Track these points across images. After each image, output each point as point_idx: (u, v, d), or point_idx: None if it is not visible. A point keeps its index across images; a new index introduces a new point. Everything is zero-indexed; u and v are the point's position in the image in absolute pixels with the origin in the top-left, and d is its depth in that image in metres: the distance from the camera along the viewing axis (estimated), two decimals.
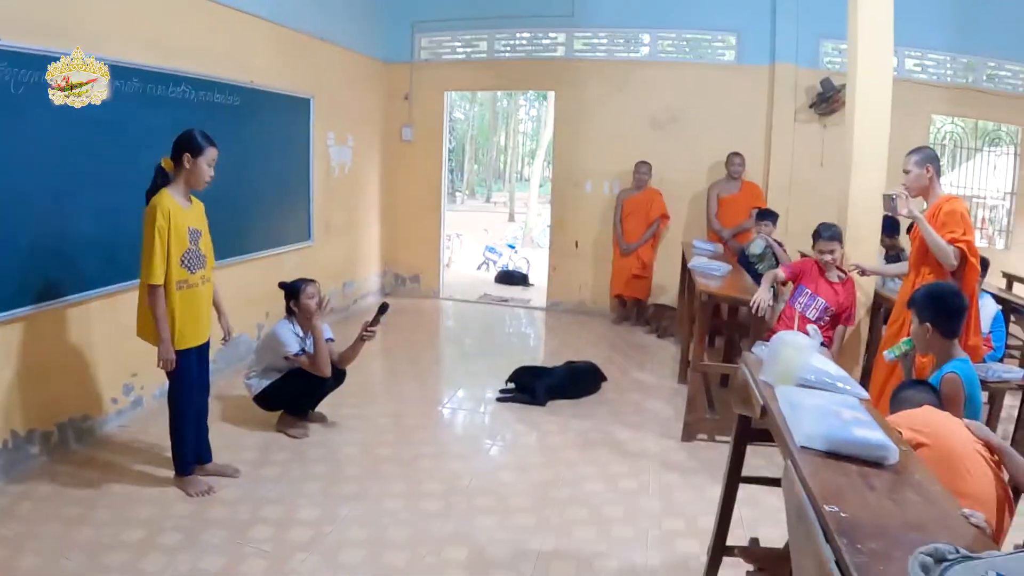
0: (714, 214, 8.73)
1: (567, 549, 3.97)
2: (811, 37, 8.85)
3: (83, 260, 4.99)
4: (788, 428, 2.55)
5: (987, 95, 9.08)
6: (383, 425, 5.65)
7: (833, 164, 8.31)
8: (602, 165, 9.53)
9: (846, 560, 1.74)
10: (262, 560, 3.76)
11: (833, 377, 2.99)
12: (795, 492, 2.22)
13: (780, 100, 8.92)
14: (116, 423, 5.38)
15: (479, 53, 9.95)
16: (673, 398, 6.44)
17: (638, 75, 9.30)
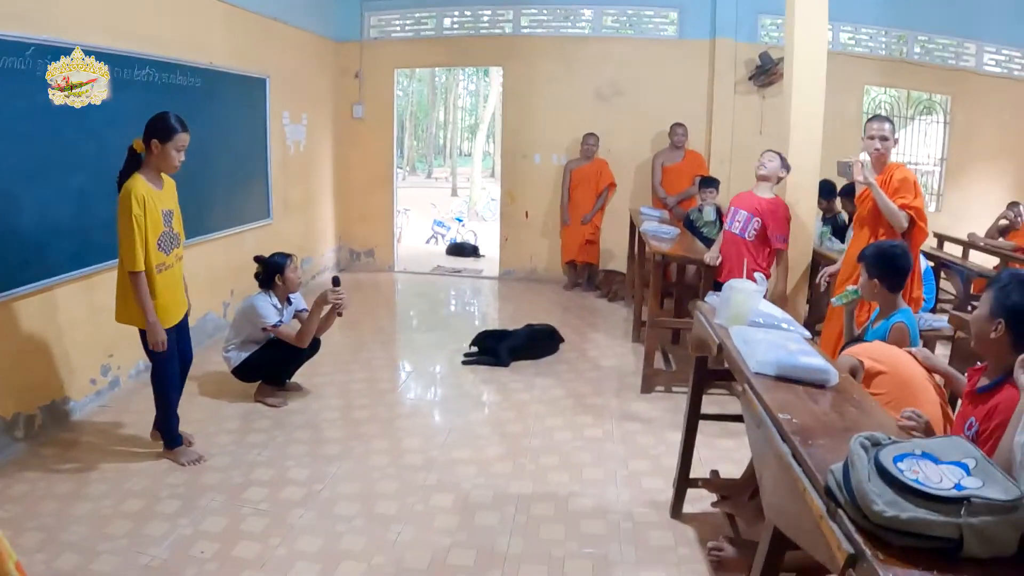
0: (658, 182, 9.10)
1: (544, 492, 4.30)
2: (750, 12, 9.25)
3: (56, 243, 4.99)
4: (743, 359, 3.02)
5: (918, 67, 9.60)
6: (357, 390, 5.88)
7: (772, 133, 8.75)
8: (550, 138, 9.83)
9: (801, 453, 2.15)
10: (262, 518, 3.94)
11: (778, 319, 3.53)
12: (753, 408, 2.65)
13: (720, 73, 9.32)
14: (96, 403, 5.45)
15: (428, 30, 10.14)
16: (628, 355, 6.85)
17: (583, 50, 9.62)
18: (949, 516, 1.64)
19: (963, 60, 9.69)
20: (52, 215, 4.97)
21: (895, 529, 1.67)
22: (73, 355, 5.26)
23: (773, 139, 8.61)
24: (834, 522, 1.84)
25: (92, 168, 5.20)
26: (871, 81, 9.79)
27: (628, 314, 8.31)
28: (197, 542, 3.72)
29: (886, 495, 1.71)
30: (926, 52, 9.71)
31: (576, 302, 9.09)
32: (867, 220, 5.06)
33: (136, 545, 3.68)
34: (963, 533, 1.62)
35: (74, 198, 5.16)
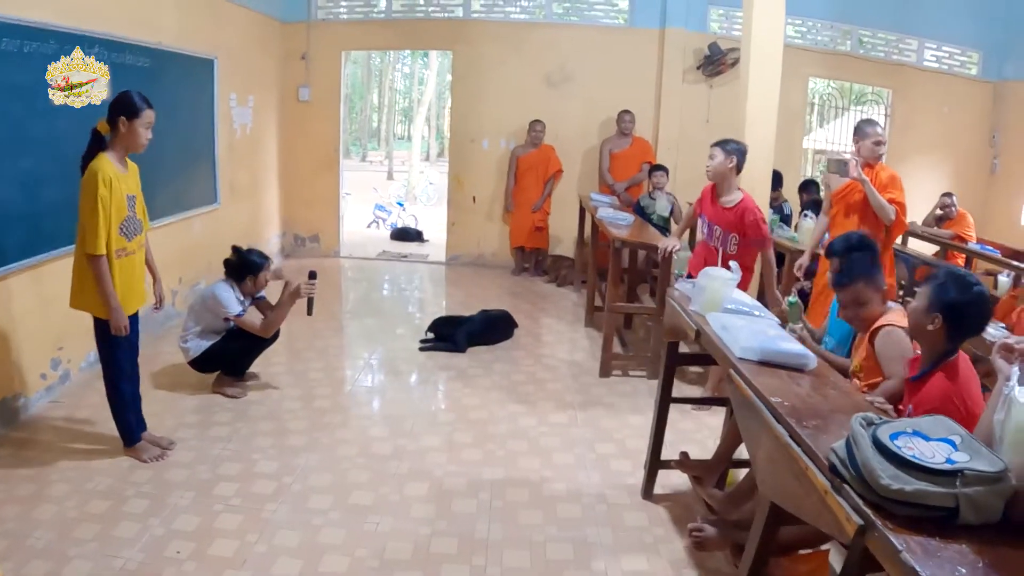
0: (606, 168, 9.20)
1: (517, 477, 4.36)
2: (700, 3, 9.41)
3: (5, 230, 4.82)
4: (726, 345, 3.13)
5: (861, 60, 9.86)
6: (316, 379, 5.85)
7: (719, 122, 8.94)
8: (499, 123, 9.86)
9: (798, 433, 2.31)
10: (235, 515, 3.87)
11: (749, 306, 3.65)
12: (742, 391, 2.79)
13: (669, 62, 9.44)
14: (47, 399, 5.27)
15: (377, 12, 10.06)
16: (582, 340, 6.97)
17: (533, 36, 9.64)
18: (946, 487, 1.81)
19: (905, 55, 9.96)
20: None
21: (899, 500, 1.83)
22: (22, 349, 5.06)
23: (720, 128, 8.73)
24: (840, 496, 1.99)
25: (43, 150, 5.04)
26: (815, 73, 10.02)
27: (578, 299, 8.40)
28: (172, 542, 3.64)
29: (888, 470, 1.86)
30: (869, 46, 9.94)
31: (525, 287, 9.15)
32: (854, 210, 5.42)
33: (107, 548, 3.58)
34: (959, 502, 1.80)
35: (22, 183, 4.96)
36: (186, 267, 7.22)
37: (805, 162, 10.71)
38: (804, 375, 2.89)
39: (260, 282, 5.49)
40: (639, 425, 5.04)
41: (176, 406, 5.28)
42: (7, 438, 4.71)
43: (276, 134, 10.01)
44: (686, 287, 3.94)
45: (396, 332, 7.13)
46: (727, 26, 9.49)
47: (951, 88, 9.95)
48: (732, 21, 9.48)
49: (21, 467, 4.33)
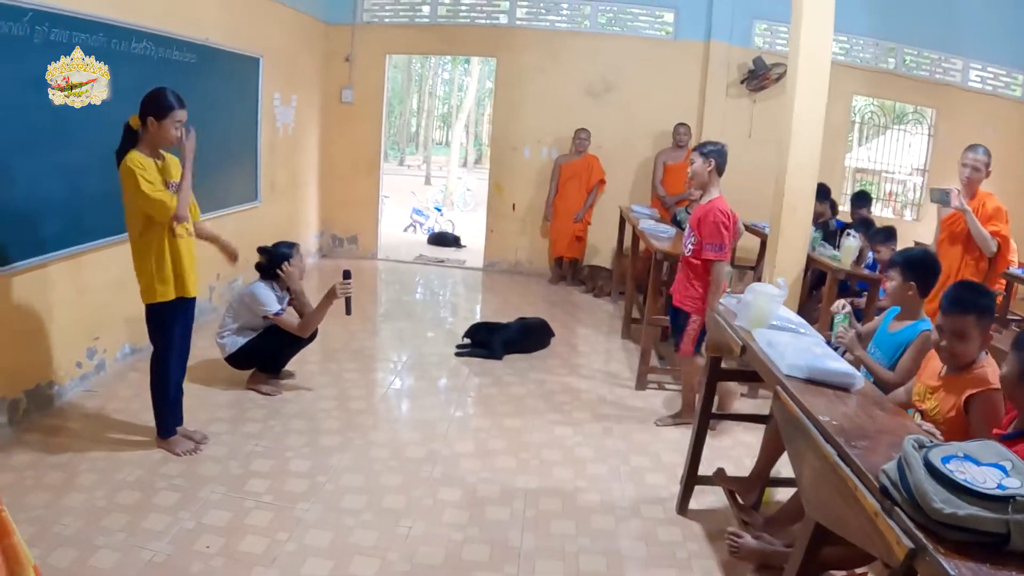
0: (659, 180, 9.14)
1: (551, 487, 4.32)
2: (745, 17, 9.30)
3: (44, 221, 4.86)
4: (772, 361, 3.09)
5: (905, 79, 9.70)
6: (351, 380, 5.84)
7: (761, 137, 8.87)
8: (540, 131, 9.82)
9: (847, 453, 2.27)
10: (266, 512, 3.87)
11: (795, 323, 3.57)
12: (787, 410, 2.75)
13: (713, 75, 9.36)
14: (81, 388, 5.31)
15: (422, 17, 10.07)
16: (618, 351, 6.92)
17: (577, 45, 9.60)
18: (997, 513, 1.78)
19: (949, 75, 9.79)
20: (41, 191, 4.82)
21: (951, 525, 1.80)
22: (59, 337, 5.10)
23: (762, 143, 8.75)
24: (891, 519, 1.95)
25: (85, 142, 5.04)
26: (859, 91, 9.88)
27: (614, 310, 8.36)
28: (201, 536, 3.64)
29: (940, 493, 1.84)
30: (913, 65, 9.82)
31: (561, 296, 9.10)
32: (958, 240, 5.48)
33: (136, 539, 3.58)
34: (1010, 528, 1.77)
35: (64, 174, 5.01)
36: (224, 263, 7.22)
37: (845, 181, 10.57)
38: (850, 394, 2.85)
39: (290, 273, 5.46)
40: (674, 439, 5.01)
41: (209, 401, 5.29)
42: (39, 424, 4.76)
43: (318, 135, 10.05)
44: (731, 302, 3.89)
45: (432, 336, 7.13)
46: (771, 40, 9.41)
47: (995, 109, 9.77)
48: (776, 35, 9.42)
49: (51, 454, 4.37)
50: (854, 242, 5.89)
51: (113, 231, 5.38)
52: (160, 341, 4.39)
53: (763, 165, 8.51)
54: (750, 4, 9.23)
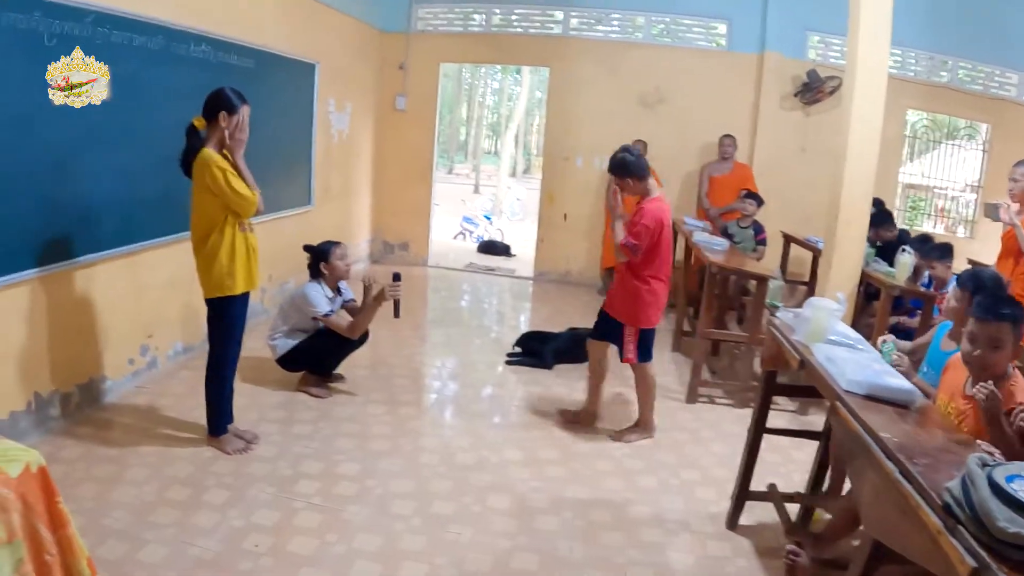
0: (705, 192, 9.07)
1: (600, 497, 4.30)
2: (798, 29, 9.23)
3: (101, 219, 4.94)
4: (831, 376, 3.05)
5: (959, 93, 9.55)
6: (401, 385, 5.88)
7: (814, 151, 8.82)
8: (592, 141, 9.79)
9: (910, 470, 2.23)
10: (315, 513, 3.90)
11: (852, 339, 3.53)
12: (847, 426, 2.72)
13: (767, 87, 9.30)
14: (133, 384, 5.41)
15: (476, 26, 10.13)
16: (668, 364, 6.87)
17: (631, 56, 9.58)
18: None
19: (1004, 89, 9.64)
20: (100, 189, 4.92)
21: (1015, 544, 1.79)
22: (112, 334, 5.22)
23: (815, 156, 8.69)
24: (954, 537, 1.94)
25: (143, 143, 5.17)
26: (913, 104, 9.74)
27: (665, 323, 8.15)
28: (250, 535, 3.67)
29: (1005, 512, 1.82)
30: (968, 79, 9.67)
31: None
32: (1011, 253, 5.40)
33: (184, 535, 3.63)
34: None
35: (122, 173, 5.10)
36: (276, 266, 7.33)
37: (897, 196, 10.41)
38: (909, 412, 2.80)
39: (335, 267, 5.51)
40: (724, 454, 4.97)
41: (260, 401, 5.35)
42: (90, 418, 4.86)
43: (371, 141, 10.16)
44: (788, 316, 3.85)
45: (481, 344, 7.14)
46: (824, 52, 9.35)
47: None
48: (829, 47, 9.35)
49: (102, 447, 4.47)
50: (909, 258, 5.80)
51: (167, 231, 5.52)
52: (222, 336, 4.47)
53: (816, 179, 8.48)
54: (804, 16, 9.16)
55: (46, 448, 4.27)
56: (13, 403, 4.40)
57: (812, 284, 7.40)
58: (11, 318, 4.34)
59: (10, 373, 4.36)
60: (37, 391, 4.56)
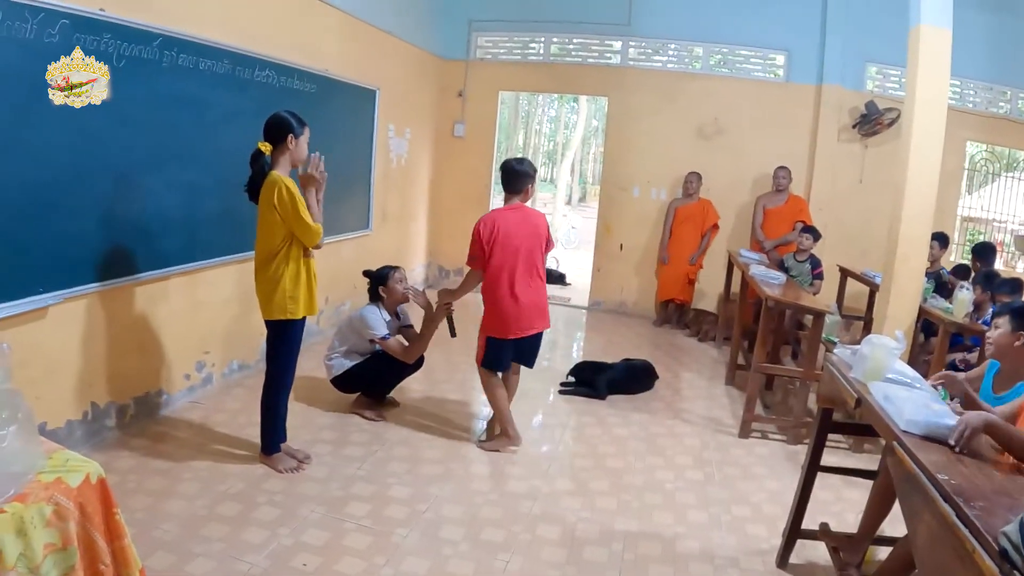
0: (759, 224, 9.00)
1: (650, 531, 4.27)
2: (857, 60, 9.15)
3: (164, 236, 5.10)
4: (889, 416, 3.01)
5: (1020, 125, 9.36)
6: (453, 411, 5.91)
7: (872, 183, 8.76)
8: (650, 172, 9.82)
9: (966, 514, 2.19)
10: (365, 535, 3.94)
11: (910, 377, 3.45)
12: (904, 467, 2.68)
13: (825, 119, 9.21)
14: (188, 399, 5.55)
15: (534, 55, 10.20)
16: (722, 398, 6.80)
17: (689, 86, 9.57)
18: None
19: None
20: (162, 208, 5.07)
21: None
22: (170, 349, 5.36)
23: (873, 189, 8.60)
24: None
25: (205, 163, 5.35)
26: (973, 137, 9.56)
27: (719, 355, 8.25)
28: (299, 554, 3.71)
29: None
30: None
31: (666, 339, 9.01)
32: None
33: (233, 550, 3.69)
34: None
35: (185, 192, 5.26)
36: (333, 288, 7.44)
37: (956, 230, 10.23)
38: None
39: (393, 291, 5.56)
40: (776, 490, 4.91)
41: (313, 422, 5.43)
42: (145, 430, 4.99)
43: (429, 167, 10.27)
44: (845, 353, 3.81)
45: (535, 372, 7.08)
46: (883, 83, 9.25)
47: None
48: (888, 79, 9.25)
49: (155, 460, 4.58)
50: (967, 295, 5.72)
51: (227, 251, 5.68)
52: (281, 358, 4.55)
53: (873, 212, 8.43)
54: (862, 47, 9.09)
55: (100, 458, 4.32)
56: (70, 412, 4.54)
57: (869, 319, 7.31)
58: (72, 330, 4.49)
59: (68, 383, 4.50)
60: (94, 401, 4.70)
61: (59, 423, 4.45)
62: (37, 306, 4.17)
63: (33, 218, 4.07)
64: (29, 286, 4.11)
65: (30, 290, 4.12)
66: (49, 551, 2.36)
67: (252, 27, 5.83)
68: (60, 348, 4.42)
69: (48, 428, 4.31)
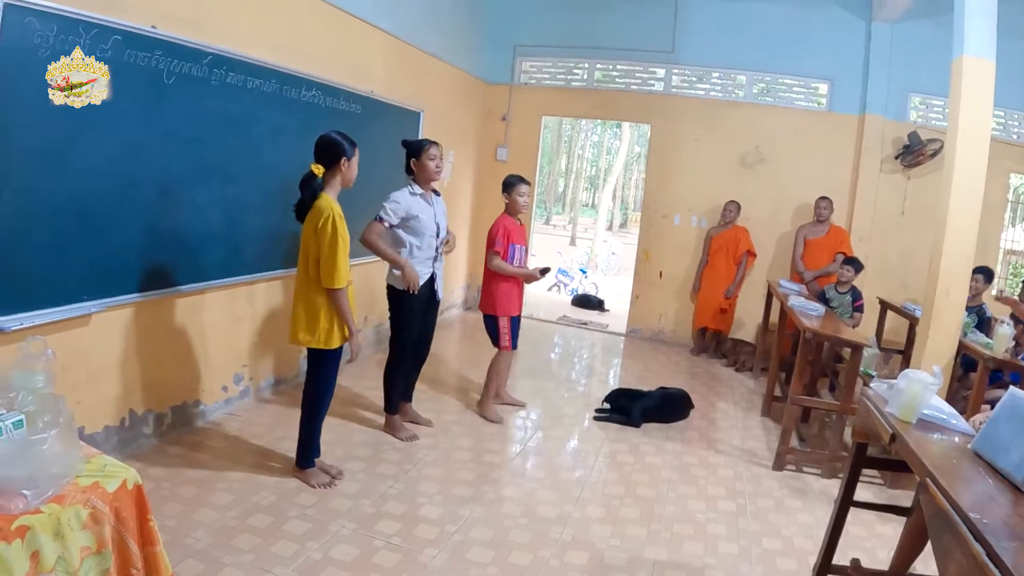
0: (799, 255, 8.93)
1: (678, 561, 4.23)
2: (900, 90, 9.07)
3: (206, 250, 5.21)
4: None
5: None
6: (487, 433, 5.92)
7: (914, 214, 8.68)
8: (691, 200, 9.81)
9: (997, 553, 2.17)
10: (393, 553, 3.95)
11: (947, 413, 3.40)
12: (936, 503, 2.65)
13: (867, 149, 9.14)
14: (225, 410, 5.65)
15: (578, 81, 10.26)
16: (757, 429, 6.73)
17: (731, 115, 9.57)
18: None
19: None
20: (205, 222, 5.17)
21: None
22: (208, 360, 5.46)
23: (915, 220, 8.53)
24: None
25: (249, 180, 5.44)
26: (1017, 168, 9.42)
27: (755, 386, 8.19)
28: (327, 568, 3.74)
29: None
30: None
31: (703, 368, 8.96)
32: None
33: (263, 562, 3.74)
34: None
35: (228, 207, 5.35)
36: (373, 307, 7.50)
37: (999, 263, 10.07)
38: (1002, 492, 2.70)
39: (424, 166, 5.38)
40: (808, 524, 4.84)
41: (348, 438, 5.48)
42: (181, 440, 5.09)
43: (471, 190, 10.35)
44: (882, 388, 3.78)
45: (570, 398, 7.14)
46: (926, 114, 9.15)
47: None
48: (931, 109, 9.15)
49: (190, 469, 4.67)
50: (1008, 330, 5.63)
51: (268, 267, 5.80)
52: (320, 383, 4.61)
53: (915, 244, 8.37)
54: (906, 77, 9.00)
55: (135, 465, 4.43)
56: (108, 418, 4.64)
57: (908, 352, 7.22)
58: (112, 338, 4.60)
59: (108, 389, 4.61)
60: (132, 408, 4.81)
61: (97, 428, 4.55)
62: (80, 313, 4.29)
63: (79, 228, 4.19)
64: (74, 294, 4.23)
65: (75, 297, 4.23)
66: (86, 554, 2.43)
67: (300, 47, 5.95)
68: (101, 355, 4.53)
69: (86, 432, 4.41)
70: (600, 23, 9.89)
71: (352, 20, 6.73)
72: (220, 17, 5.09)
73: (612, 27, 9.84)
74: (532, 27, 10.20)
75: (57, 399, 2.63)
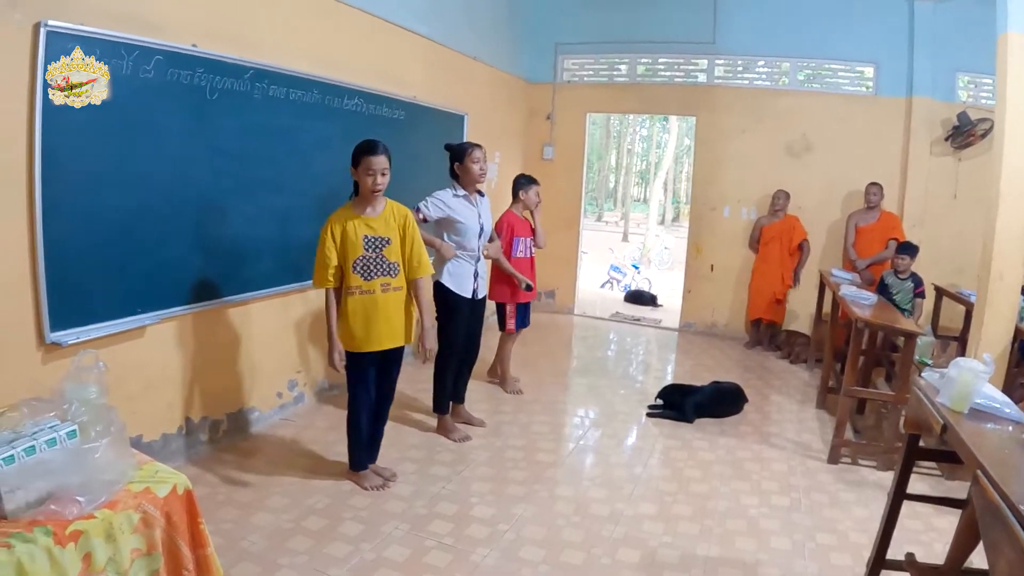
0: (851, 243, 8.79)
1: (731, 557, 4.21)
2: (947, 70, 8.86)
3: (256, 260, 5.34)
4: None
5: None
6: (539, 433, 5.94)
7: (967, 197, 8.47)
8: (740, 191, 9.73)
9: None
10: (446, 553, 4.01)
11: (1000, 402, 3.32)
12: (987, 497, 2.57)
13: (916, 132, 8.96)
14: (279, 416, 5.77)
15: (620, 76, 10.24)
16: (811, 422, 6.65)
17: (777, 103, 9.46)
18: None
19: None
20: (255, 232, 5.29)
21: None
22: (263, 368, 5.58)
23: (967, 203, 8.32)
24: None
25: (295, 190, 5.54)
26: None
27: (810, 378, 8.09)
28: (380, 569, 3.81)
29: None
30: None
31: (757, 361, 8.87)
32: None
33: (317, 563, 3.82)
34: None
35: (276, 217, 5.47)
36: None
37: None
38: None
39: (468, 169, 5.44)
40: (863, 518, 4.77)
41: (402, 440, 5.55)
42: (237, 446, 5.22)
43: None
44: (933, 377, 3.71)
45: (623, 394, 7.12)
46: (976, 93, 8.94)
47: None
48: (980, 87, 8.93)
49: (245, 474, 4.78)
50: None
51: None
52: (350, 386, 4.67)
53: (969, 228, 8.17)
54: (952, 56, 8.78)
55: (193, 470, 4.69)
56: (166, 426, 4.78)
57: (965, 340, 7.08)
58: (167, 348, 4.73)
59: (165, 398, 4.74)
60: (189, 416, 4.94)
61: (155, 436, 4.68)
62: (135, 326, 4.41)
63: (133, 243, 4.31)
64: (128, 307, 4.35)
65: (129, 311, 4.36)
66: (136, 556, 2.54)
67: (340, 58, 6.02)
68: (156, 365, 4.65)
69: (144, 440, 4.54)
70: (640, 17, 9.84)
71: (390, 27, 6.79)
72: (259, 32, 5.19)
73: (652, 20, 9.78)
74: (572, 25, 10.18)
75: (109, 409, 2.72)
